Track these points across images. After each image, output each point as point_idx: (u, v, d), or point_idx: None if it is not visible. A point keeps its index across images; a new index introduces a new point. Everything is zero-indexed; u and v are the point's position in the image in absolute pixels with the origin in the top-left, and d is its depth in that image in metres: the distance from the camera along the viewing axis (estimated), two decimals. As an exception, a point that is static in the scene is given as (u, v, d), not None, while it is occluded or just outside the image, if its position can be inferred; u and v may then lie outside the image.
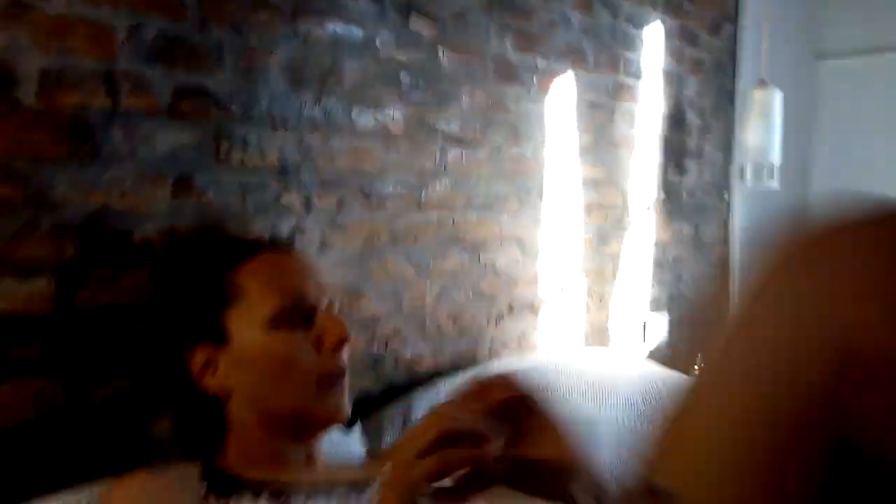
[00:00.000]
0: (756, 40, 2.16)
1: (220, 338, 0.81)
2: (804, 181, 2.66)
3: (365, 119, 1.20)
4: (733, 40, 2.24)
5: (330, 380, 0.82)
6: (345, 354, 0.84)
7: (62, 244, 0.86)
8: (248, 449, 0.82)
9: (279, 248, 0.92)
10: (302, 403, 0.81)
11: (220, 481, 0.78)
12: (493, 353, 1.47)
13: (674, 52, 1.98)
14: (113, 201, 0.89)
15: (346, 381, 0.84)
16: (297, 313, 0.82)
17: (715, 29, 2.17)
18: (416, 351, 1.32)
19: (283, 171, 1.09)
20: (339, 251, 1.18)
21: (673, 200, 2.02)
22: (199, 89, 0.98)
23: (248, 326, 0.81)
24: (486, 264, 1.45)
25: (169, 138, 0.94)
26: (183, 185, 0.96)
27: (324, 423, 0.84)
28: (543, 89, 1.55)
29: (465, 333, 1.41)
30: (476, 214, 1.43)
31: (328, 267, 1.14)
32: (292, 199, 1.10)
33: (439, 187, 1.35)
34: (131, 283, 0.91)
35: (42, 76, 0.83)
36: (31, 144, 0.83)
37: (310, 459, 0.83)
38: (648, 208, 1.93)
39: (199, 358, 0.82)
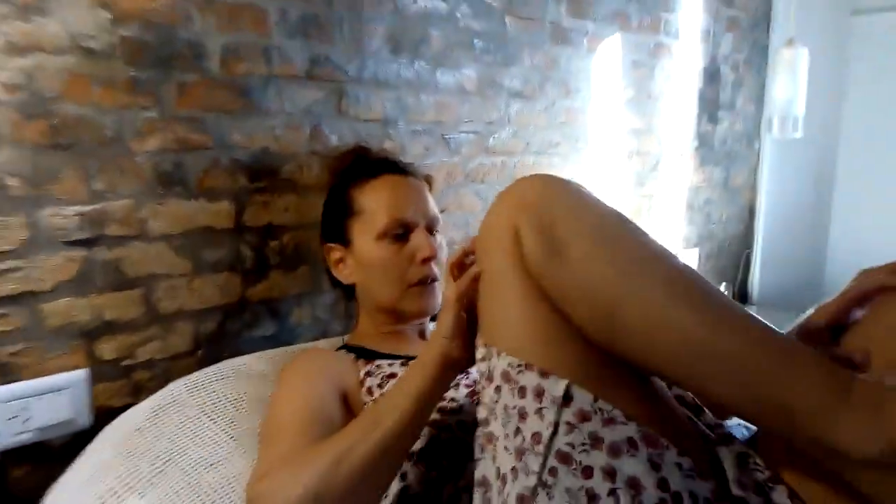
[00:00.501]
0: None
1: (346, 242, 1.09)
2: (834, 133, 2.85)
3: (446, 78, 1.48)
4: (769, 2, 2.43)
5: (418, 285, 1.05)
6: (434, 266, 1.06)
7: (236, 176, 1.16)
8: (373, 328, 1.10)
9: (399, 170, 1.10)
10: (396, 301, 1.06)
11: (361, 352, 1.06)
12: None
13: (711, 11, 2.18)
14: (269, 144, 1.19)
15: (436, 285, 1.07)
16: (399, 230, 1.05)
17: (751, -11, 2.36)
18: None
19: (385, 122, 1.37)
20: (425, 187, 1.46)
21: (706, 148, 2.26)
22: (326, 57, 1.26)
23: (363, 236, 1.06)
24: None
25: (306, 96, 1.23)
26: (315, 133, 1.25)
27: (414, 317, 1.08)
28: (592, 49, 1.79)
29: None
30: (532, 158, 1.70)
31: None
32: (393, 145, 1.38)
33: (503, 135, 1.62)
34: (281, 206, 1.22)
35: (223, 51, 1.12)
36: (216, 103, 1.13)
37: (422, 335, 1.13)
38: (682, 155, 2.17)
39: (333, 255, 1.11)
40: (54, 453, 1.01)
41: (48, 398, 0.99)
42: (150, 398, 1.02)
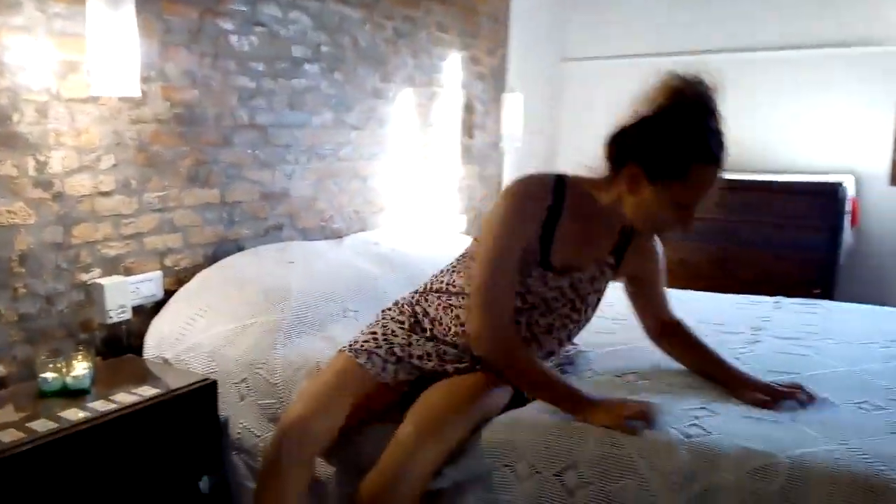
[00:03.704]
0: (517, 58, 3.82)
1: (655, 181, 1.44)
2: (553, 145, 4.40)
3: (316, 119, 2.70)
4: (504, 59, 3.88)
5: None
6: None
7: (220, 177, 2.32)
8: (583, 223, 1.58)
9: (715, 162, 1.45)
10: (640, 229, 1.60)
11: (560, 200, 1.58)
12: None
13: (465, 69, 3.57)
14: (235, 160, 2.36)
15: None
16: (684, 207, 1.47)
17: (492, 53, 3.79)
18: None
19: (286, 147, 2.57)
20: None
21: (467, 153, 3.66)
22: (260, 115, 2.44)
23: (666, 192, 1.45)
24: (371, 188, 3.00)
25: (248, 137, 2.41)
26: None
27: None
28: (394, 99, 3.09)
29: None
30: (364, 163, 2.96)
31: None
32: (292, 159, 2.59)
33: (347, 150, 2.86)
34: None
35: (214, 115, 2.27)
36: (211, 140, 2.28)
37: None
38: (453, 157, 3.55)
39: (632, 174, 1.48)
40: (146, 311, 2.12)
41: (145, 284, 2.10)
42: (193, 278, 2.16)
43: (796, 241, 3.45)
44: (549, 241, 1.57)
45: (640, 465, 1.37)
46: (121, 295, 1.99)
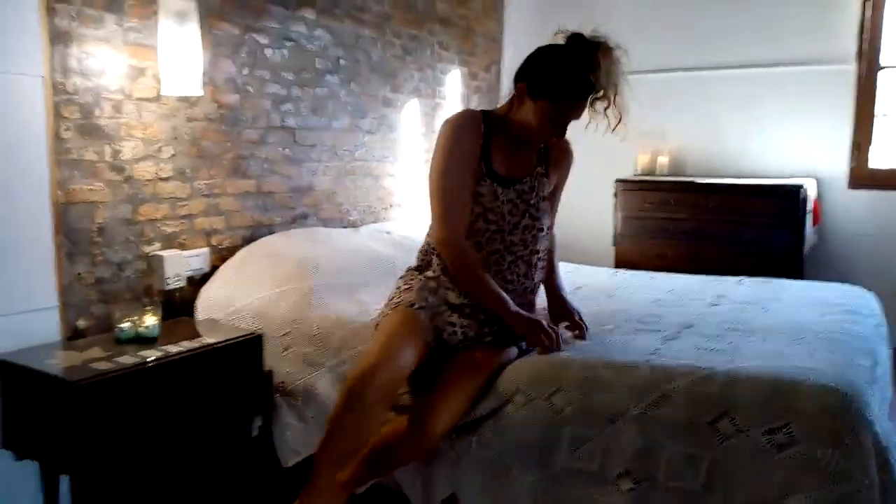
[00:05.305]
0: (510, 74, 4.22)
1: (532, 93, 1.84)
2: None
3: (335, 123, 3.08)
4: (498, 74, 4.28)
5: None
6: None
7: (257, 169, 2.69)
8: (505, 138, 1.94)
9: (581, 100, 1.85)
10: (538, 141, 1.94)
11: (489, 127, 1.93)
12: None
13: (464, 84, 3.96)
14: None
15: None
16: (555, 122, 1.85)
17: (488, 69, 4.18)
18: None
19: (311, 146, 2.94)
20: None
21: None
22: (290, 118, 2.81)
23: (538, 106, 1.84)
24: (383, 186, 3.37)
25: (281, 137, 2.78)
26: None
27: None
28: (402, 108, 3.47)
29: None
30: (375, 163, 3.33)
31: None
32: (316, 157, 2.96)
33: (361, 152, 3.23)
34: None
35: (252, 116, 2.65)
36: (250, 138, 2.65)
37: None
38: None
39: (519, 86, 1.89)
40: (195, 281, 2.46)
41: (195, 258, 2.45)
42: (235, 255, 2.51)
43: (762, 238, 3.82)
44: (488, 155, 1.92)
45: (613, 382, 1.72)
46: (177, 265, 2.35)
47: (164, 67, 2.20)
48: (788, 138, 4.16)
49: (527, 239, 1.97)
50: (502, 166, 1.95)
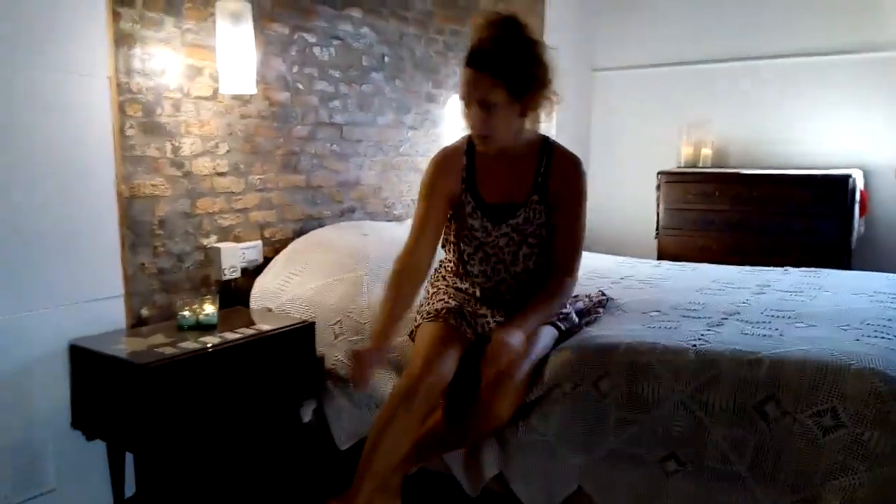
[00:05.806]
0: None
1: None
2: (584, 149, 4.80)
3: (381, 119, 3.15)
4: (539, 69, 4.30)
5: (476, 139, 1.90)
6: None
7: (306, 164, 2.77)
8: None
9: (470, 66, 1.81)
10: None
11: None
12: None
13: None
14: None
15: (490, 141, 1.87)
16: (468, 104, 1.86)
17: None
18: (399, 213, 3.31)
19: (358, 141, 3.02)
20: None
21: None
22: (338, 115, 2.89)
23: None
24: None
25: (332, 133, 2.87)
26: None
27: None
28: (445, 103, 3.53)
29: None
30: (420, 158, 3.39)
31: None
32: (362, 151, 3.04)
33: (406, 147, 3.30)
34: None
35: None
36: (300, 134, 2.74)
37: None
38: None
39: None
40: (249, 272, 2.56)
41: (249, 250, 2.55)
42: (287, 247, 2.60)
43: (809, 229, 3.79)
44: (475, 184, 1.95)
45: (659, 367, 1.75)
46: (233, 257, 2.44)
47: (220, 67, 2.30)
48: (835, 128, 4.11)
49: (529, 267, 1.97)
50: (495, 192, 1.95)
